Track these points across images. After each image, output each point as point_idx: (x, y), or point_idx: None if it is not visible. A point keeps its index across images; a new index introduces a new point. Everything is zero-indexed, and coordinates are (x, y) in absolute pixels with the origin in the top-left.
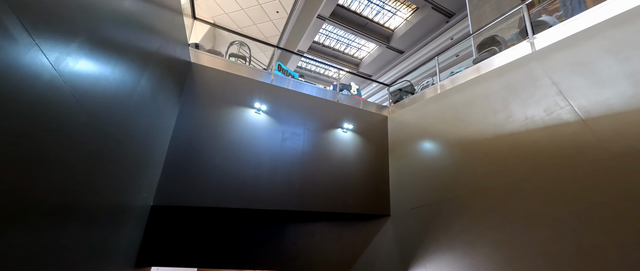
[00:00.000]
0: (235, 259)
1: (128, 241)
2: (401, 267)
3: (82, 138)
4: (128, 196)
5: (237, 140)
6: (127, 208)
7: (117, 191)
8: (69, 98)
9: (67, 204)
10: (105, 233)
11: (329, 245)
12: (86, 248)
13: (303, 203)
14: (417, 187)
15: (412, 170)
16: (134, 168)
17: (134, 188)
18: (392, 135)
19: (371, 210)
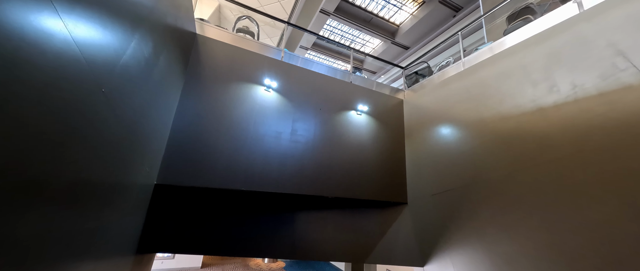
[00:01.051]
0: (243, 247)
1: (128, 225)
2: (421, 257)
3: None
4: (128, 171)
5: (246, 119)
6: (127, 187)
7: (115, 165)
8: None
9: (47, 180)
10: (99, 215)
11: (342, 234)
12: (75, 232)
13: (315, 187)
14: (437, 172)
15: (431, 154)
16: (136, 140)
17: (136, 162)
18: (409, 119)
19: (387, 197)
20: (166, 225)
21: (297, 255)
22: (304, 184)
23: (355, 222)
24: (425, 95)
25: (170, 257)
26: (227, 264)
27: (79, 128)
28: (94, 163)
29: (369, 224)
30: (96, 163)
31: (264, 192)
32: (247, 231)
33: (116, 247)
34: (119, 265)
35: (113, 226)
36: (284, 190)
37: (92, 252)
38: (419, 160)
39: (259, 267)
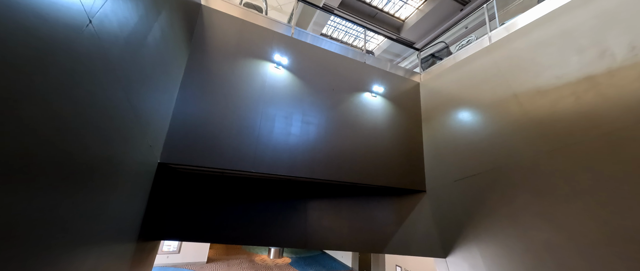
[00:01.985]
0: (252, 235)
1: (129, 209)
2: (443, 248)
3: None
4: (127, 145)
5: (255, 97)
6: (126, 164)
7: (112, 137)
8: None
9: (35, 153)
10: (96, 195)
11: (357, 223)
12: (70, 216)
13: (328, 172)
14: (460, 157)
15: (453, 139)
16: (135, 112)
17: (135, 136)
18: (426, 102)
19: (404, 184)
20: (170, 211)
21: (309, 245)
22: (316, 168)
23: (371, 211)
24: (444, 76)
25: (176, 252)
26: (233, 259)
27: (71, 96)
28: (89, 136)
29: (385, 213)
30: (91, 135)
31: (274, 176)
32: (256, 219)
33: (116, 233)
34: (119, 252)
35: (112, 209)
36: (296, 174)
37: (89, 237)
38: (439, 146)
39: (264, 262)
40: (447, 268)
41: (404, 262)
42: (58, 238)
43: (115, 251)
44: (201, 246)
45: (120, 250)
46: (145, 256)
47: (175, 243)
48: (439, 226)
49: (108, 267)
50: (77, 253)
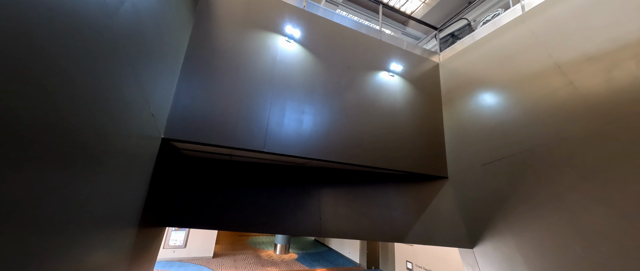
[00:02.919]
0: (264, 223)
1: (128, 190)
2: (469, 238)
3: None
4: (127, 117)
5: (267, 72)
6: (124, 137)
7: (107, 104)
8: None
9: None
10: (89, 172)
11: (374, 211)
12: (58, 197)
13: (344, 155)
14: (489, 138)
15: (479, 119)
16: (134, 72)
17: (137, 104)
18: (447, 84)
19: (425, 170)
20: (176, 197)
21: (323, 233)
22: (331, 150)
23: (389, 199)
24: (468, 54)
25: (182, 246)
26: (239, 254)
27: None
28: (78, 101)
29: (404, 201)
30: (81, 101)
31: (285, 161)
32: (267, 207)
33: (114, 217)
34: (117, 239)
35: (107, 190)
36: (309, 155)
37: (81, 222)
38: (463, 129)
39: (270, 258)
40: (474, 259)
41: (415, 257)
42: (44, 221)
43: (116, 237)
44: (207, 241)
45: (120, 237)
46: (149, 243)
47: (181, 238)
48: (465, 215)
49: (104, 254)
50: (66, 239)
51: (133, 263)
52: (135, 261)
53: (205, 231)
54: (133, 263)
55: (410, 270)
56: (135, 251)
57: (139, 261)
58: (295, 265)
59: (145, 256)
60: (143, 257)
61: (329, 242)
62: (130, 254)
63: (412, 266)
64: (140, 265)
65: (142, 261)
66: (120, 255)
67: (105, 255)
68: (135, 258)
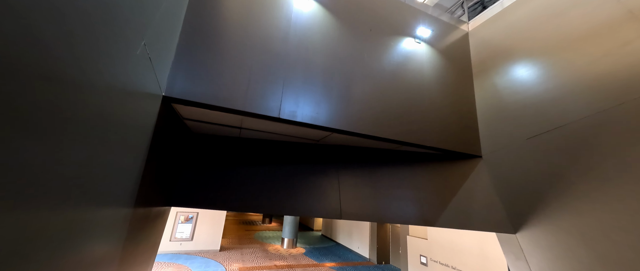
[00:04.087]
0: (277, 204)
1: (120, 160)
2: (511, 222)
3: None
4: (114, 54)
5: (282, 31)
6: (116, 88)
7: (92, 46)
8: None
9: None
10: (70, 140)
11: (401, 192)
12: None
13: (368, 127)
14: (535, 108)
15: (521, 88)
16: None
17: (129, 44)
18: (479, 54)
19: (456, 147)
20: (180, 174)
21: (344, 215)
22: (353, 121)
23: (417, 180)
24: (505, 17)
25: (188, 239)
26: (246, 248)
27: None
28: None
29: (433, 182)
30: (60, 45)
31: (302, 131)
32: (282, 186)
33: (102, 194)
34: (107, 220)
35: (94, 157)
36: (329, 124)
37: (64, 198)
38: (499, 101)
39: (278, 252)
40: (518, 246)
41: (430, 251)
42: (20, 197)
43: (105, 218)
44: (214, 235)
45: (111, 218)
46: (149, 224)
47: (188, 231)
48: (504, 197)
49: (89, 236)
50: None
51: (130, 245)
52: (133, 244)
53: (212, 224)
54: (130, 246)
55: (425, 264)
56: (132, 232)
57: (137, 244)
58: (303, 259)
59: (145, 238)
60: (142, 239)
61: (336, 237)
62: (125, 235)
63: (427, 261)
64: (139, 247)
65: (142, 243)
66: (108, 236)
67: (91, 233)
68: (133, 240)
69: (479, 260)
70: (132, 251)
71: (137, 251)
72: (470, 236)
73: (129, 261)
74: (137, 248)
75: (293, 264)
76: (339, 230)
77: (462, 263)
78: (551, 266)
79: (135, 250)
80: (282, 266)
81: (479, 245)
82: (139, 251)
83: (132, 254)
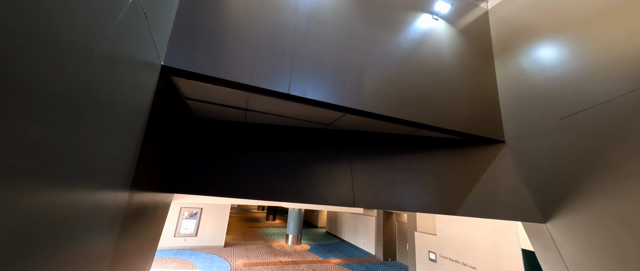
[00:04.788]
0: (286, 191)
1: (114, 136)
2: (541, 210)
3: None
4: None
5: (290, 1)
6: (107, 56)
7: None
8: None
9: None
10: (54, 111)
11: (419, 179)
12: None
13: (383, 106)
14: (568, 85)
15: (551, 65)
16: None
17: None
18: (500, 32)
19: (477, 131)
20: (183, 159)
21: (358, 203)
22: (367, 99)
23: (435, 166)
24: None
25: (193, 235)
26: (250, 244)
27: None
28: None
29: (453, 169)
30: None
31: (313, 113)
32: (290, 173)
33: (92, 174)
34: (96, 207)
35: (76, 132)
36: (342, 102)
37: (45, 179)
38: (524, 81)
39: (282, 248)
40: (549, 236)
41: (439, 247)
42: None
43: (95, 201)
44: (218, 231)
45: (101, 201)
46: (150, 213)
47: (192, 227)
48: (532, 184)
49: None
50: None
51: (126, 236)
52: (130, 234)
53: (216, 220)
54: (127, 237)
55: (433, 260)
56: (129, 221)
57: (135, 236)
58: (308, 256)
59: (144, 229)
60: (141, 230)
61: (341, 234)
62: (120, 224)
63: (436, 257)
64: (137, 239)
65: (141, 234)
66: (98, 225)
67: (64, 225)
68: (129, 229)
69: (492, 255)
70: (129, 243)
71: (135, 243)
72: (482, 232)
73: (126, 253)
74: (134, 240)
75: (298, 260)
76: (343, 226)
77: (474, 259)
78: (588, 258)
79: (133, 242)
80: (287, 262)
81: (491, 240)
82: (137, 243)
83: (128, 246)
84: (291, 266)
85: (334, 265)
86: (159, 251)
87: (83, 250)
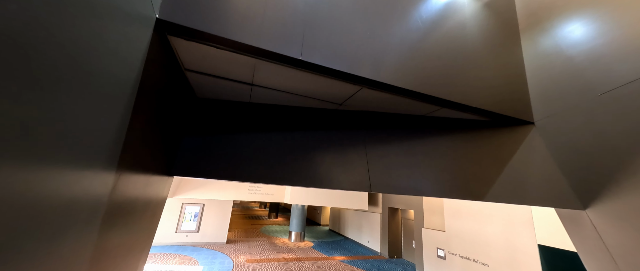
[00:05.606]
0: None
1: (88, 111)
2: (579, 195)
3: None
4: None
5: None
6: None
7: None
8: None
9: None
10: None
11: (438, 163)
12: None
13: (401, 78)
14: (610, 56)
15: (588, 37)
16: None
17: None
18: (527, 6)
19: (503, 110)
20: (183, 140)
21: (374, 187)
22: (385, 70)
23: (457, 149)
24: None
25: (194, 231)
26: (253, 241)
27: None
28: None
29: (477, 152)
30: None
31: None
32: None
33: (69, 148)
34: (70, 192)
35: (49, 99)
36: (358, 72)
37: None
38: (557, 58)
39: (285, 245)
40: (590, 223)
41: (448, 244)
42: None
43: (75, 181)
44: (220, 227)
45: (81, 182)
46: (143, 201)
47: (194, 223)
48: (567, 167)
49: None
50: None
51: (114, 224)
52: (118, 224)
53: (218, 217)
54: (114, 225)
55: (442, 257)
56: (117, 207)
57: (125, 225)
58: (312, 252)
59: (137, 218)
60: (134, 216)
61: (345, 231)
62: (104, 210)
63: (445, 254)
64: (129, 230)
65: (132, 224)
66: (76, 211)
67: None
68: (116, 219)
69: (506, 251)
70: (116, 238)
71: (126, 236)
72: (495, 227)
73: (113, 249)
74: (124, 234)
75: (302, 257)
76: (347, 224)
77: (486, 256)
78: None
79: (121, 237)
80: (290, 258)
81: (505, 236)
82: (128, 236)
83: (115, 241)
84: (295, 263)
85: (339, 262)
86: (160, 247)
87: (55, 249)
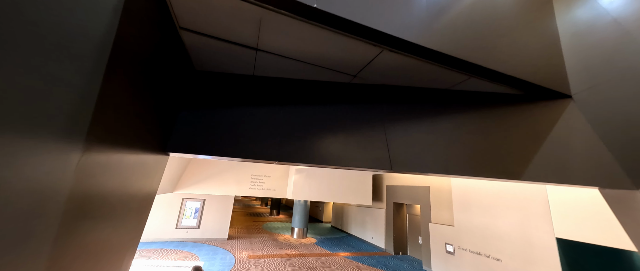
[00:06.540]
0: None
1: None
2: (629, 173)
3: None
4: None
5: None
6: None
7: None
8: None
9: None
10: None
11: (465, 138)
12: None
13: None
14: None
15: None
16: None
17: None
18: None
19: (539, 80)
20: (181, 115)
21: (396, 166)
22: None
23: (486, 125)
24: None
25: (195, 227)
26: (255, 237)
27: None
28: None
29: (507, 128)
30: None
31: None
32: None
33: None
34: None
35: None
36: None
37: None
38: (600, 21)
39: (288, 241)
40: None
41: (458, 239)
42: None
43: (34, 157)
44: (222, 223)
45: (40, 157)
46: (134, 175)
47: (195, 219)
48: (615, 143)
49: None
50: None
51: (88, 203)
52: (88, 216)
53: (219, 212)
54: (89, 203)
55: (451, 253)
56: (85, 184)
57: (100, 217)
58: (315, 249)
59: (125, 197)
60: (119, 195)
61: (348, 228)
62: (67, 194)
63: (454, 249)
64: (111, 212)
65: (115, 205)
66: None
67: None
68: (89, 199)
69: (520, 246)
70: (96, 229)
71: (109, 228)
72: (508, 220)
73: (88, 244)
74: (107, 221)
75: (305, 253)
76: (350, 220)
77: (498, 250)
78: None
79: (103, 228)
80: (293, 255)
81: (520, 229)
82: (113, 228)
83: (92, 234)
84: (298, 258)
85: (343, 258)
86: (159, 243)
87: None
